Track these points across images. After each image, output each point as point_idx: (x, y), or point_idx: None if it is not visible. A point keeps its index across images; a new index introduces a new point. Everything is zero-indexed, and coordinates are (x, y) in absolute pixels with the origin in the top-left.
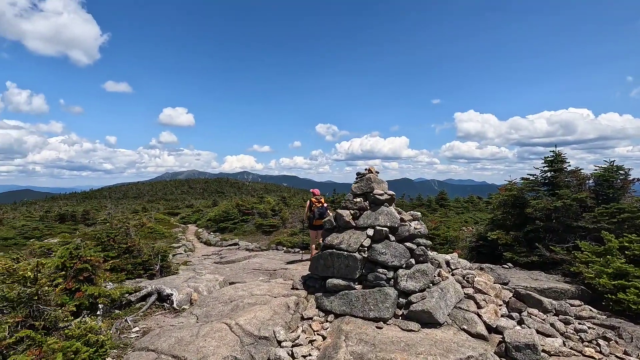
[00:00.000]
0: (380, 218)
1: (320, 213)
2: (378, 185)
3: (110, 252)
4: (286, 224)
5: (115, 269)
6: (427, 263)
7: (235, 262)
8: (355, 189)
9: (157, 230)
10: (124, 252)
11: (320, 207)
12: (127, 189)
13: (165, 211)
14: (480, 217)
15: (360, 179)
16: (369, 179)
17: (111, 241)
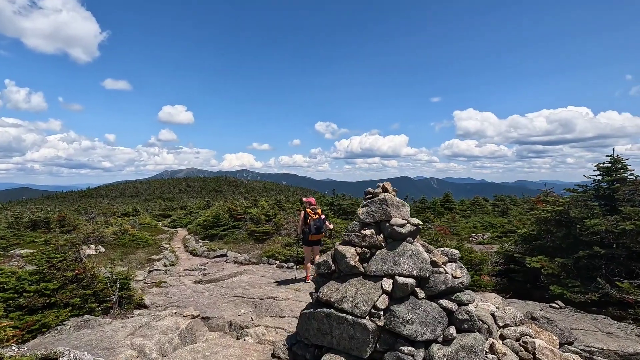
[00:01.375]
0: (403, 262)
1: (317, 227)
2: (397, 210)
3: (50, 284)
4: (281, 230)
5: (55, 304)
6: (474, 332)
7: (219, 280)
8: (364, 215)
9: (140, 237)
10: (70, 281)
11: (317, 220)
12: (124, 187)
13: (158, 213)
14: (488, 221)
15: (370, 201)
16: (384, 201)
17: (52, 269)
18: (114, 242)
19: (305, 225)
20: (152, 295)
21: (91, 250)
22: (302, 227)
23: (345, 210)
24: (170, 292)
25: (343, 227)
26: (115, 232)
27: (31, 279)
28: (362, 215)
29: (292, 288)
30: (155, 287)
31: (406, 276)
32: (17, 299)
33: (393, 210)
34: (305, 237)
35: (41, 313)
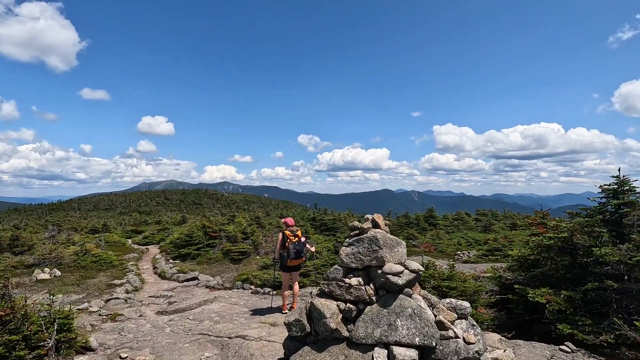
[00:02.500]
0: (401, 325)
1: (296, 251)
2: (391, 251)
3: None
4: (259, 249)
5: None
6: None
7: (186, 310)
8: (349, 258)
9: (104, 258)
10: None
11: (297, 244)
12: (98, 199)
13: (130, 228)
14: (472, 237)
15: (357, 240)
16: (374, 240)
17: None
18: (74, 263)
19: (283, 249)
20: (102, 333)
21: (45, 275)
22: (280, 250)
23: (327, 226)
24: (125, 328)
25: (325, 246)
26: (76, 253)
27: None
28: (347, 258)
29: (266, 322)
30: (110, 321)
31: (406, 345)
32: None
33: (386, 252)
34: (283, 262)
35: None
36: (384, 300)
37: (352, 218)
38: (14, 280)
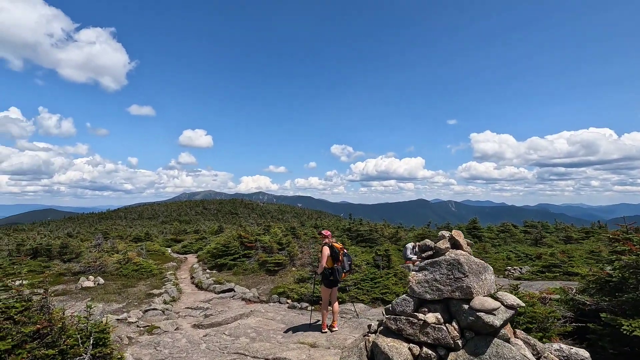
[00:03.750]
0: None
1: (350, 264)
2: (477, 279)
3: (3, 343)
4: (294, 261)
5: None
6: None
7: (222, 324)
8: (422, 287)
9: (145, 267)
10: (31, 337)
11: (347, 256)
12: (143, 209)
13: (171, 237)
14: (522, 251)
15: (432, 263)
16: (457, 265)
17: (8, 322)
18: (116, 272)
19: (335, 263)
20: (138, 347)
21: (89, 282)
22: (328, 263)
23: (363, 237)
24: (161, 343)
25: (363, 259)
26: (119, 261)
27: None
28: (419, 287)
29: (305, 342)
30: (147, 333)
31: None
32: None
33: (473, 280)
34: (334, 277)
35: None
36: (474, 345)
37: (388, 229)
38: (61, 287)
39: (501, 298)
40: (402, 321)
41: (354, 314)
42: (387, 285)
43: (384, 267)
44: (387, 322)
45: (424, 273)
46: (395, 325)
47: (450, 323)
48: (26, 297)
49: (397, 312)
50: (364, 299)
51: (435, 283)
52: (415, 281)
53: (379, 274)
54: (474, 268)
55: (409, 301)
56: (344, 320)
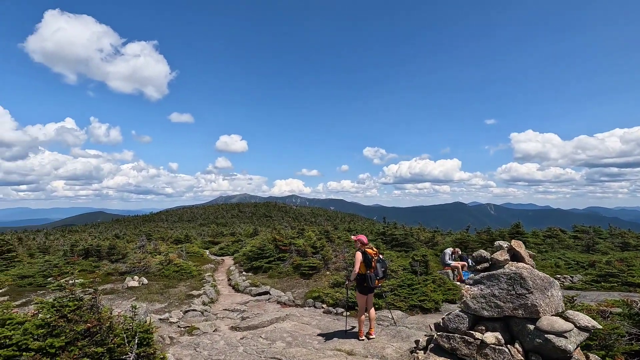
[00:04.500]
0: None
1: (384, 270)
2: (543, 296)
3: (57, 340)
4: (329, 264)
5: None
6: None
7: (258, 327)
8: (478, 302)
9: (185, 268)
10: (82, 335)
11: (383, 263)
12: (182, 212)
13: (208, 239)
14: (572, 258)
15: (489, 277)
16: (518, 279)
17: (62, 320)
18: (159, 272)
19: (368, 269)
20: (179, 348)
21: (134, 282)
22: (361, 269)
23: (398, 242)
24: (200, 344)
25: (400, 264)
26: (161, 262)
27: (37, 332)
28: (475, 303)
29: (342, 349)
30: (187, 334)
31: None
32: (19, 358)
33: (538, 297)
34: (368, 284)
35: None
36: None
37: (424, 233)
38: (108, 286)
39: (573, 318)
40: (456, 340)
41: (391, 321)
42: (425, 292)
43: (421, 273)
44: (438, 339)
45: (479, 287)
46: (448, 344)
47: (512, 344)
48: (78, 296)
49: (449, 329)
50: (401, 306)
51: (493, 299)
52: (469, 296)
53: (416, 280)
54: (539, 283)
55: (463, 318)
56: (381, 328)
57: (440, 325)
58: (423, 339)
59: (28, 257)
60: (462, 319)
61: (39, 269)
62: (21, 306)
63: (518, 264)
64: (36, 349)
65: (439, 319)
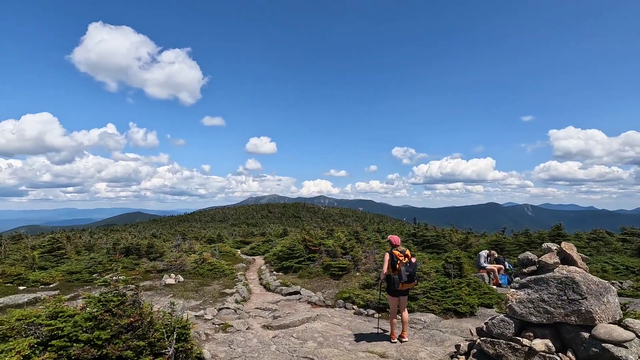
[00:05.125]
0: None
1: (409, 275)
2: (598, 302)
3: (104, 333)
4: (358, 265)
5: (106, 357)
6: None
7: (289, 327)
8: (525, 307)
9: (218, 267)
10: (125, 329)
11: (408, 266)
12: (215, 212)
13: (240, 239)
14: (621, 262)
15: (536, 280)
16: (569, 283)
17: (107, 314)
18: (194, 271)
19: (392, 272)
20: (215, 344)
21: (171, 280)
22: (388, 271)
23: (430, 243)
24: (235, 341)
25: (432, 266)
26: (195, 261)
27: (86, 325)
28: (521, 307)
29: (374, 351)
30: (221, 331)
31: None
32: (70, 348)
33: (593, 303)
34: (391, 286)
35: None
36: None
37: (456, 234)
38: (147, 283)
39: (633, 327)
40: (501, 345)
41: (424, 324)
42: (460, 295)
43: (455, 275)
44: (482, 344)
45: (526, 291)
46: (493, 350)
47: (563, 353)
48: (121, 292)
49: (494, 334)
50: (435, 309)
51: (542, 304)
52: (515, 300)
53: (449, 282)
54: (594, 289)
55: (509, 323)
56: (413, 331)
57: (483, 330)
58: (464, 344)
59: (75, 254)
60: (507, 324)
61: (85, 265)
62: (70, 300)
63: (569, 268)
64: (85, 341)
65: (475, 323)
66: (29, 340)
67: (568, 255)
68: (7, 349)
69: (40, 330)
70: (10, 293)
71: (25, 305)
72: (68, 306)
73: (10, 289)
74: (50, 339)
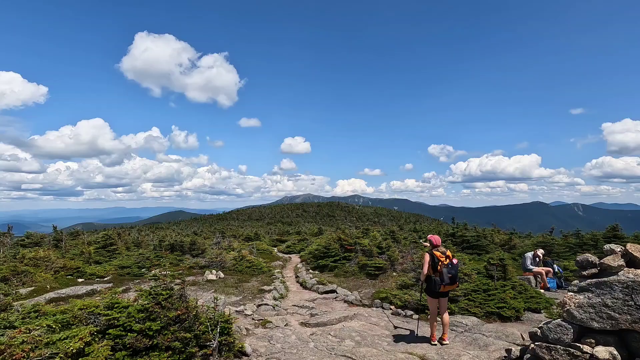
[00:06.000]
0: None
1: (451, 276)
2: None
3: (154, 324)
4: (395, 265)
5: (156, 346)
6: None
7: (327, 325)
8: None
9: (256, 264)
10: (173, 321)
11: (450, 267)
12: (251, 211)
13: (276, 237)
14: None
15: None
16: (638, 288)
17: (157, 307)
18: (233, 267)
19: (434, 273)
20: (255, 339)
21: (212, 276)
22: (429, 273)
23: (470, 244)
24: (274, 337)
25: (473, 267)
26: (235, 258)
27: (138, 316)
28: (581, 312)
29: (414, 353)
30: (261, 326)
31: None
32: (124, 337)
33: None
34: (432, 288)
35: (143, 356)
36: None
37: (499, 235)
38: (191, 278)
39: None
40: (559, 352)
41: (465, 327)
42: (504, 298)
43: (498, 278)
44: (537, 350)
45: (586, 295)
46: (549, 356)
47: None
48: (169, 286)
49: (550, 339)
50: (477, 312)
51: (605, 309)
52: (574, 304)
53: (492, 285)
54: None
55: (567, 328)
56: (454, 334)
57: (537, 335)
58: (515, 349)
59: (125, 250)
60: (565, 330)
61: (134, 260)
62: (123, 292)
63: (637, 271)
64: (138, 331)
65: (521, 328)
66: (90, 328)
67: (635, 258)
68: (71, 335)
69: (98, 319)
70: (71, 284)
71: (84, 296)
72: (122, 298)
73: (71, 281)
74: (107, 328)
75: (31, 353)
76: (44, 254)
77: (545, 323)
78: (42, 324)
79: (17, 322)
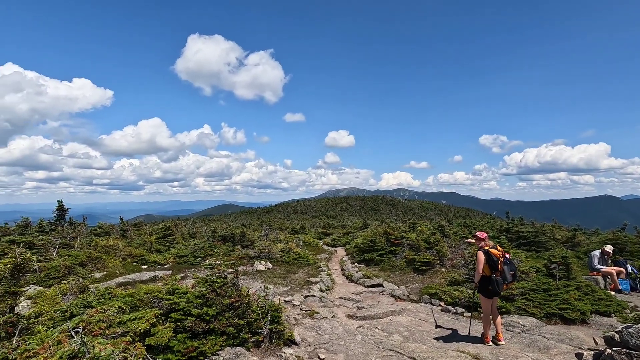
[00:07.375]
0: None
1: (514, 273)
2: None
3: (211, 310)
4: (444, 260)
5: (213, 331)
6: None
7: (374, 318)
8: None
9: (302, 257)
10: (227, 308)
11: (510, 264)
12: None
13: (320, 230)
14: None
15: None
16: None
17: (213, 294)
18: (280, 259)
19: (493, 272)
20: (303, 329)
21: (261, 266)
22: (485, 271)
23: (526, 240)
24: (321, 328)
25: (531, 265)
26: (282, 250)
27: (196, 302)
28: None
29: (466, 352)
30: (309, 317)
31: None
32: (184, 321)
33: None
34: (494, 288)
35: (200, 339)
36: None
37: (560, 231)
38: (242, 268)
39: None
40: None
41: (522, 328)
42: (568, 299)
43: (560, 277)
44: (615, 356)
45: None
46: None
47: None
48: (224, 274)
49: (630, 345)
50: (535, 313)
51: None
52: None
53: (554, 284)
54: None
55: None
56: (510, 335)
57: (614, 340)
58: (588, 353)
59: (182, 240)
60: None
61: (190, 250)
62: (181, 279)
63: None
64: (196, 315)
65: (587, 332)
66: (155, 311)
67: None
68: (139, 317)
69: (162, 303)
70: (137, 271)
71: (148, 282)
72: (182, 284)
73: (136, 267)
74: (169, 312)
75: (106, 331)
76: (113, 242)
77: (625, 327)
78: (115, 305)
79: (94, 302)
